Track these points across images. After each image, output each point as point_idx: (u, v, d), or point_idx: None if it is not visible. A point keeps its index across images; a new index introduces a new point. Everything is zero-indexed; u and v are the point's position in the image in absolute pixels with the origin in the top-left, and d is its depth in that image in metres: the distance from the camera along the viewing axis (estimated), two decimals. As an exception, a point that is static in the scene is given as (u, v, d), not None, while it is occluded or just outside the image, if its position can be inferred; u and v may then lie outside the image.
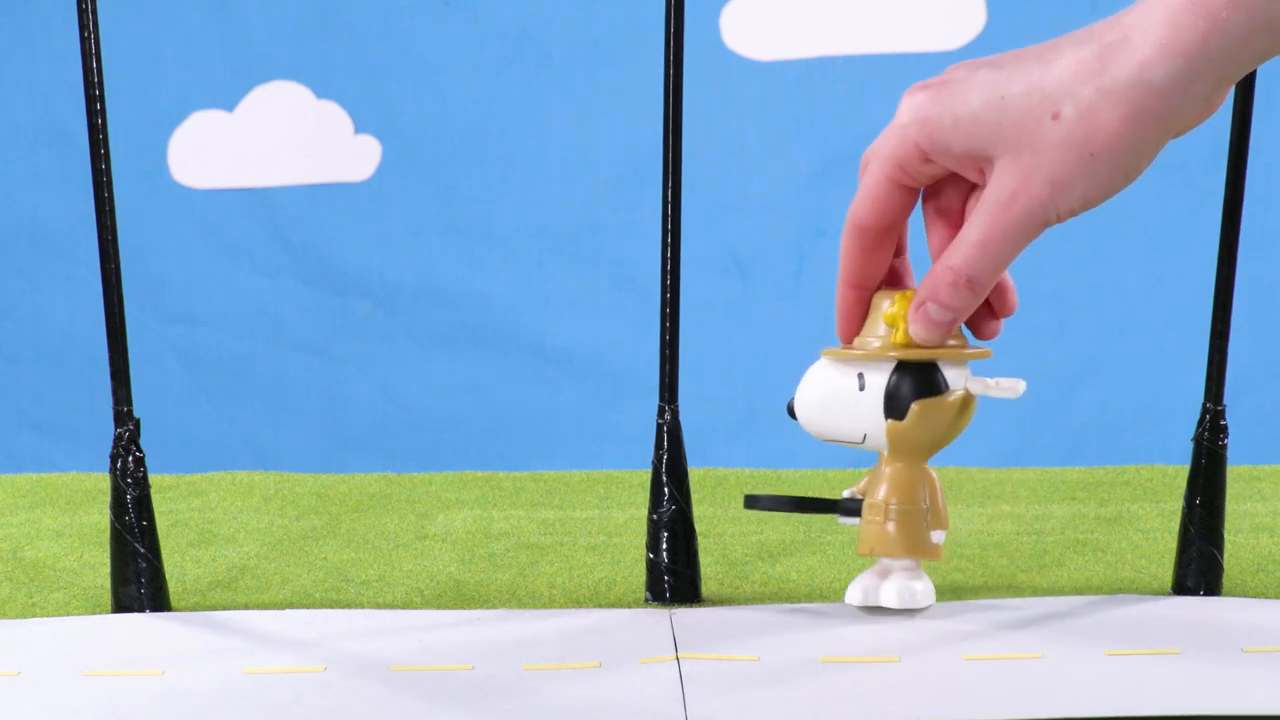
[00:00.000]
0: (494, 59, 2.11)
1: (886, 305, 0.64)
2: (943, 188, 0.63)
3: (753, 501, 0.69)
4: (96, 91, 0.69)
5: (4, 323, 2.18)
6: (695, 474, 0.78)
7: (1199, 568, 0.73)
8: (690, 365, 0.75)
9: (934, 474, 0.66)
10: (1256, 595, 0.74)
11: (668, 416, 0.73)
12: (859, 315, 0.66)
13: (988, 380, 0.64)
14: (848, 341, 0.66)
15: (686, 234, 0.73)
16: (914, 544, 0.66)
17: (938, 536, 0.66)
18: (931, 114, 0.60)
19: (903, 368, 0.64)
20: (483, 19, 2.11)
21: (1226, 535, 0.74)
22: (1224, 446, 0.73)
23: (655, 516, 0.73)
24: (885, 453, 0.66)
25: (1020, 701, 0.57)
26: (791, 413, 0.66)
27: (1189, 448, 0.73)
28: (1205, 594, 0.73)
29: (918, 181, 0.62)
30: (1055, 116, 0.57)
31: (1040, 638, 0.66)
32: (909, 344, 0.64)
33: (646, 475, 0.74)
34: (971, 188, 0.63)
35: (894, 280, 0.66)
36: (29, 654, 0.65)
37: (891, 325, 0.64)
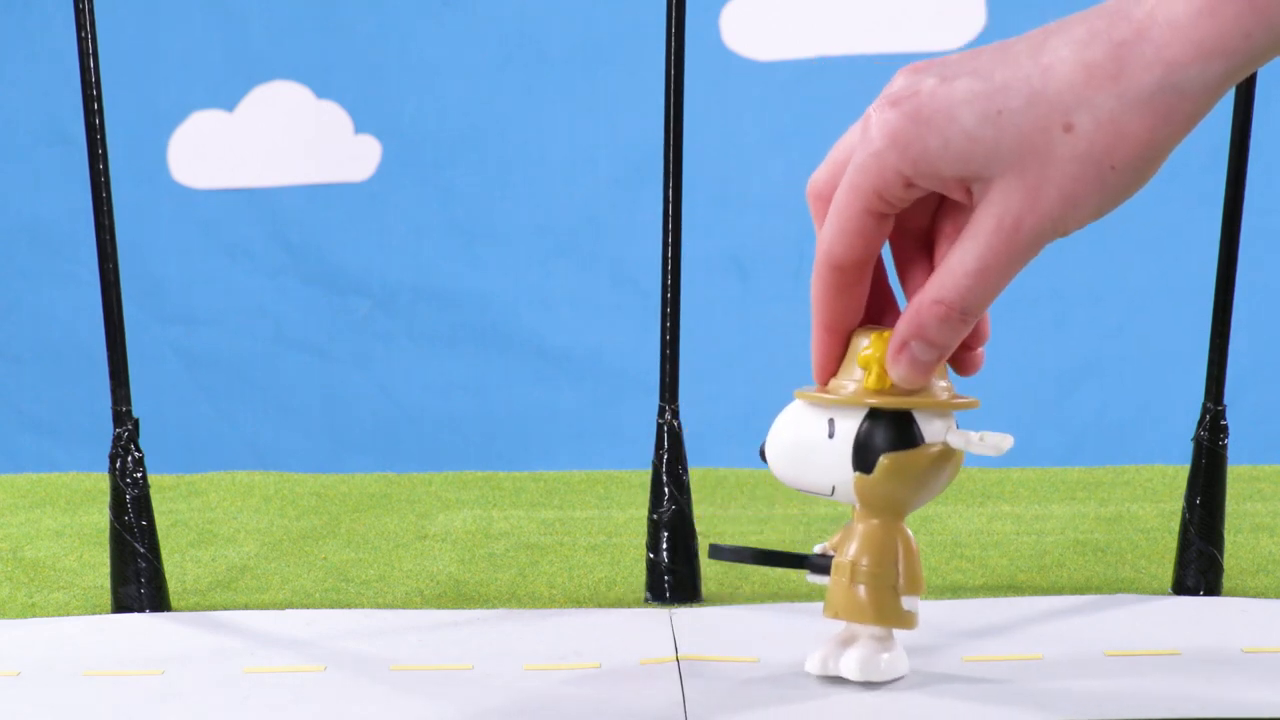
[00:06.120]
0: (494, 59, 2.11)
1: (863, 346, 0.57)
2: (911, 206, 0.56)
3: (716, 552, 0.62)
4: (95, 91, 0.69)
5: (4, 323, 2.18)
6: (695, 474, 0.78)
7: (1199, 568, 0.73)
8: (690, 365, 0.75)
9: (910, 534, 0.59)
10: (1256, 595, 0.74)
11: (668, 416, 0.73)
12: (837, 357, 0.58)
13: (971, 435, 0.57)
14: (824, 384, 0.59)
15: (686, 234, 0.73)
16: (883, 610, 0.58)
17: (910, 603, 0.59)
18: (914, 136, 0.52)
19: (875, 416, 0.57)
20: (482, 19, 2.11)
21: (1226, 535, 0.74)
22: (1224, 446, 0.73)
23: (655, 516, 0.73)
24: (856, 507, 0.59)
25: (1020, 702, 0.57)
26: (764, 456, 0.59)
27: (1189, 448, 0.73)
28: (1205, 594, 0.73)
29: (897, 209, 0.55)
30: (1068, 129, 0.51)
31: (1040, 638, 0.66)
32: (884, 389, 0.56)
33: (646, 475, 0.74)
34: (940, 200, 0.56)
35: (879, 310, 0.59)
36: (29, 654, 0.65)
37: (866, 368, 0.57)
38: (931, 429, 0.57)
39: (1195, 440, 0.73)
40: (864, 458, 0.57)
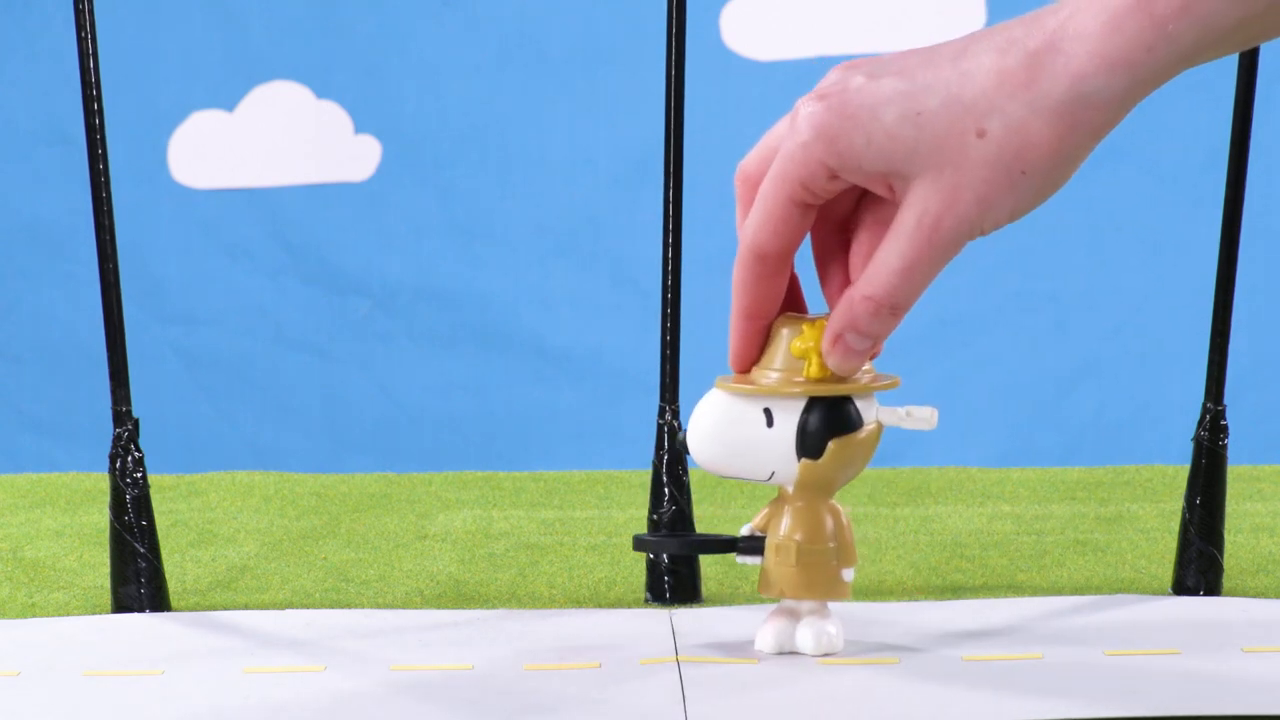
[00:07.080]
0: (494, 59, 2.11)
1: (788, 335, 0.59)
2: (834, 198, 0.58)
3: (640, 544, 0.65)
4: (95, 91, 0.69)
5: (4, 323, 2.18)
6: (695, 474, 0.78)
7: (1199, 568, 0.73)
8: (690, 365, 0.75)
9: (840, 507, 0.61)
10: (1256, 595, 0.74)
11: (668, 416, 0.73)
12: (758, 345, 0.60)
13: (899, 410, 0.59)
14: (743, 371, 0.60)
15: (687, 234, 0.73)
16: (822, 584, 0.61)
17: (847, 574, 0.62)
18: (839, 131, 0.54)
19: (814, 403, 0.59)
20: (482, 19, 2.11)
21: (1226, 535, 0.74)
22: (1224, 446, 0.73)
23: (655, 516, 0.73)
24: (790, 490, 0.61)
25: (1020, 701, 0.57)
26: (685, 447, 0.61)
27: (1189, 448, 0.73)
28: (1205, 594, 0.73)
29: (821, 199, 0.56)
30: (981, 134, 0.52)
31: (1040, 638, 0.66)
32: (824, 377, 0.59)
33: (646, 475, 0.74)
34: (862, 194, 0.58)
35: (788, 302, 0.60)
36: (29, 654, 0.65)
37: (803, 358, 0.59)
38: (862, 409, 0.60)
39: (1195, 440, 0.73)
40: (812, 444, 0.59)
